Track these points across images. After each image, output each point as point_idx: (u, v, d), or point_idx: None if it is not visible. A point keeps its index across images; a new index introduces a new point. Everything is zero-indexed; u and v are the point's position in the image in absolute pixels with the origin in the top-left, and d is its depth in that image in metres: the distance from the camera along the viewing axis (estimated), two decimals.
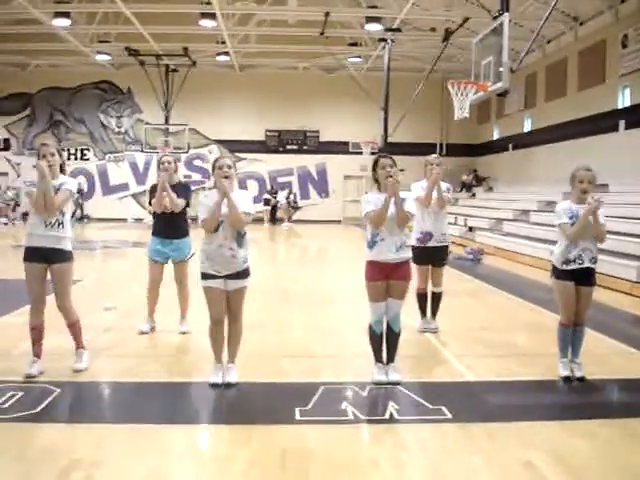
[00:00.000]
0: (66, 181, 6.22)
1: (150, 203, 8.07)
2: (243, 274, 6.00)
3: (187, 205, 7.98)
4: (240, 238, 5.93)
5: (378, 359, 6.30)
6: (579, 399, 5.95)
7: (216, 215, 5.80)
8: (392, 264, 6.08)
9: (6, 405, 5.37)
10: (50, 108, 33.68)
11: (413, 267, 6.65)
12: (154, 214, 8.06)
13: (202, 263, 6.00)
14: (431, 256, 8.17)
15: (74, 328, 6.40)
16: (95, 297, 10.53)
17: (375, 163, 6.21)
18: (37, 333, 6.22)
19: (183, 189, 8.04)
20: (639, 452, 4.70)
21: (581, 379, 6.28)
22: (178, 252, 8.01)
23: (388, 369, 6.25)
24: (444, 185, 8.26)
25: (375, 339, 6.29)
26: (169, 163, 8.03)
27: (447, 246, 8.39)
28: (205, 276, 5.97)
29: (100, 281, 12.89)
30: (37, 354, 6.22)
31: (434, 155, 8.60)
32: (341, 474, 4.29)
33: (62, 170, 6.29)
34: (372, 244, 6.12)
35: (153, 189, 8.06)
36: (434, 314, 8.44)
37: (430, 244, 8.12)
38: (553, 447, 4.72)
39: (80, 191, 32.80)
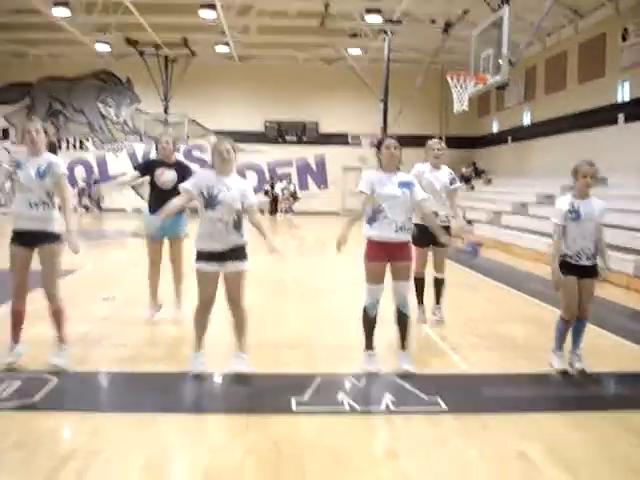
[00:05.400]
0: (54, 162, 6.04)
1: (140, 170, 8.06)
2: (241, 254, 5.94)
3: None
4: (237, 221, 5.90)
5: (368, 346, 6.32)
6: (575, 392, 5.98)
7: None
8: (393, 243, 6.10)
9: (4, 394, 5.39)
10: (49, 98, 33.66)
11: (413, 249, 6.66)
12: (151, 189, 8.05)
13: (198, 240, 5.95)
14: (433, 236, 8.14)
15: (58, 316, 6.16)
16: (93, 287, 10.57)
17: (379, 143, 6.27)
18: (18, 317, 6.14)
19: (181, 169, 8.03)
20: (633, 445, 4.73)
21: (582, 372, 6.32)
22: (174, 228, 7.92)
23: (401, 357, 6.29)
24: (447, 174, 8.26)
25: (368, 322, 6.30)
26: (167, 143, 8.03)
27: (449, 227, 8.37)
28: (200, 256, 5.92)
29: (98, 271, 12.89)
30: (16, 339, 6.15)
31: (435, 140, 8.54)
32: (336, 464, 4.32)
33: (53, 151, 6.18)
34: (372, 220, 6.13)
35: (151, 163, 8.03)
36: (438, 301, 8.43)
37: None
38: (548, 439, 4.76)
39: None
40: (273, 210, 32.59)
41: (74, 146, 34.05)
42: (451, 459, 4.47)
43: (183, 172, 7.90)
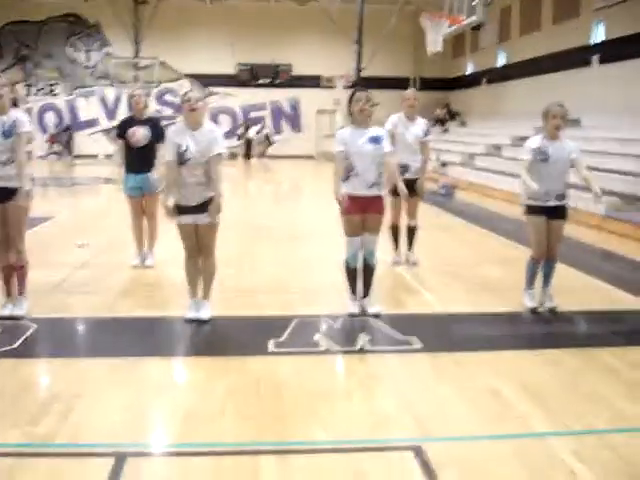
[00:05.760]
0: (19, 120, 5.91)
1: (119, 136, 8.04)
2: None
3: (159, 140, 7.89)
4: (208, 174, 5.86)
5: (352, 292, 6.43)
6: (546, 329, 6.13)
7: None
8: (367, 197, 6.16)
9: None
10: (17, 42, 32.81)
11: (387, 201, 6.71)
12: (126, 149, 8.03)
13: (173, 194, 5.98)
14: (407, 188, 8.21)
15: (21, 271, 6.18)
16: (68, 234, 10.54)
17: (351, 97, 6.25)
18: (6, 272, 6.15)
19: (153, 125, 8.00)
20: (602, 380, 4.88)
21: (552, 310, 6.47)
22: (149, 184, 8.03)
23: (365, 303, 6.39)
24: (421, 125, 8.28)
25: (350, 273, 6.41)
26: (139, 97, 8.04)
27: (417, 179, 8.43)
28: (177, 209, 5.96)
29: (72, 218, 12.84)
30: (8, 293, 6.17)
31: (410, 90, 8.62)
32: (314, 403, 4.42)
33: (15, 105, 6.11)
34: (345, 178, 6.17)
35: (124, 124, 8.04)
36: (410, 246, 8.57)
37: (407, 176, 8.13)
38: (519, 375, 4.89)
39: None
40: (247, 155, 32.40)
41: (43, 91, 33.41)
42: (426, 396, 4.59)
43: (155, 129, 7.94)
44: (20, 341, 5.47)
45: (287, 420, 4.17)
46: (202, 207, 5.90)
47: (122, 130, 8.03)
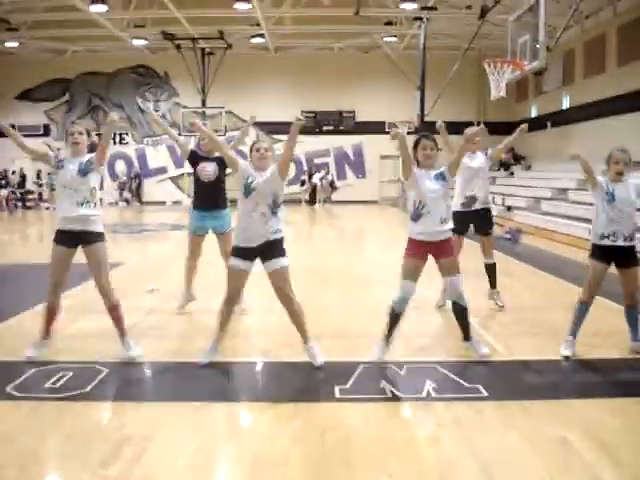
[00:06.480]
0: (92, 155, 6.27)
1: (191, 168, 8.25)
2: (277, 250, 6.08)
3: (225, 175, 8.16)
4: (274, 207, 6.07)
5: (387, 337, 6.35)
6: (614, 377, 6.01)
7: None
8: (435, 242, 6.18)
9: (57, 385, 5.61)
10: (88, 93, 34.09)
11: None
12: (196, 184, 8.24)
13: (235, 235, 6.20)
14: (474, 221, 8.24)
15: (117, 313, 6.38)
16: (137, 279, 10.77)
17: (416, 143, 6.34)
18: (51, 314, 6.29)
19: (221, 161, 8.06)
20: None
21: None
22: (220, 222, 8.19)
23: (472, 345, 6.39)
24: (483, 155, 8.44)
25: (393, 317, 6.33)
26: (207, 145, 8.24)
27: (490, 210, 8.45)
28: (235, 252, 6.12)
29: (141, 264, 13.15)
30: (47, 332, 6.31)
31: (473, 127, 8.65)
32: (380, 450, 4.43)
33: (93, 150, 6.38)
34: (417, 217, 6.22)
35: (194, 155, 8.25)
36: (494, 286, 8.54)
37: (476, 206, 8.20)
38: (587, 424, 4.81)
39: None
40: (311, 200, 32.71)
41: (114, 140, 34.45)
42: (492, 444, 4.55)
43: (223, 164, 8.08)
44: (92, 385, 5.62)
45: (353, 466, 4.18)
46: (269, 251, 6.04)
47: (192, 157, 8.22)
